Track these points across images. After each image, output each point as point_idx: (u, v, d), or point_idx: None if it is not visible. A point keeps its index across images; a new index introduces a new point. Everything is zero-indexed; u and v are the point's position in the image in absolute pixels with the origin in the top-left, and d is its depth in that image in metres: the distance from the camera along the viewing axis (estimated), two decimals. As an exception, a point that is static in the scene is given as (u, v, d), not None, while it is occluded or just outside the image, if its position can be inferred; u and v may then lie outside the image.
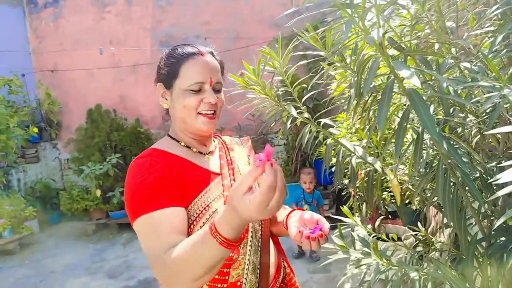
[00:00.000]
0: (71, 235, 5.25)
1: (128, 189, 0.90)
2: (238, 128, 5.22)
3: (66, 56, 5.84)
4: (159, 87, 1.01)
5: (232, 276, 0.92)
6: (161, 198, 0.86)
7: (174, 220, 0.85)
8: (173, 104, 0.99)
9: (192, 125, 0.98)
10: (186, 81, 0.95)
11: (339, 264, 3.36)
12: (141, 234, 0.87)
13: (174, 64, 0.97)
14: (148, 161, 0.92)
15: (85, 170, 4.93)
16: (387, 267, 0.97)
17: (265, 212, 0.68)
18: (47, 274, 3.93)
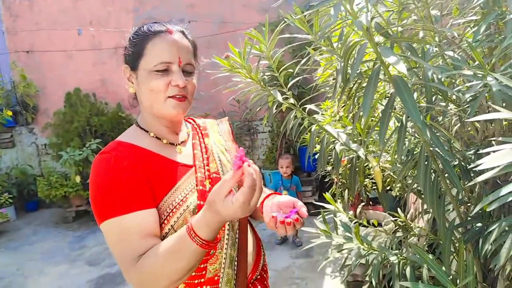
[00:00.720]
0: (50, 222, 5.14)
1: (93, 189, 0.83)
2: (223, 114, 5.18)
3: (43, 36, 5.60)
4: (124, 69, 0.94)
5: (209, 271, 0.90)
6: (130, 200, 0.81)
7: (145, 223, 0.81)
8: (140, 88, 0.91)
9: (160, 110, 0.90)
10: (151, 60, 0.87)
11: (321, 249, 3.43)
12: (109, 238, 0.83)
13: (139, 43, 0.89)
14: (113, 158, 0.84)
15: (63, 155, 4.80)
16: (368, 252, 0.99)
17: (247, 209, 0.72)
18: (25, 262, 3.85)
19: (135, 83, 0.92)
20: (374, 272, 0.96)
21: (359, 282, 2.49)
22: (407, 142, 1.01)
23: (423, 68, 0.85)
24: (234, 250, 0.95)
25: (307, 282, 2.93)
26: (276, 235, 3.83)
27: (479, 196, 1.08)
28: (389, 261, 1.06)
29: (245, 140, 5.38)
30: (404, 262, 0.98)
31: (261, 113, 5.13)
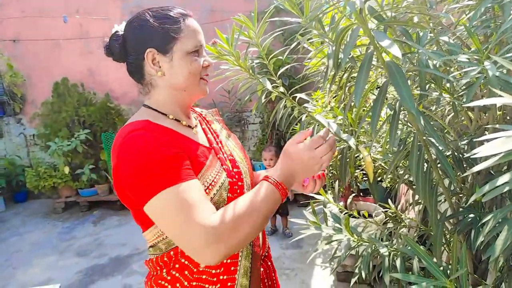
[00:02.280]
0: (39, 213, 5.07)
1: (138, 165, 0.77)
2: (213, 105, 5.11)
3: (29, 25, 5.45)
4: (149, 53, 0.87)
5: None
6: (182, 170, 0.79)
7: (201, 189, 0.81)
8: (174, 71, 0.88)
9: (194, 91, 0.93)
10: (189, 43, 0.88)
11: (311, 240, 3.43)
12: (167, 209, 0.76)
13: (172, 25, 0.87)
14: (150, 134, 0.81)
15: (52, 146, 4.71)
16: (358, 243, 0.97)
17: (316, 160, 0.82)
18: (13, 253, 3.80)
19: (166, 67, 0.89)
20: (364, 263, 0.94)
21: (348, 272, 2.49)
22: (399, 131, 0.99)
23: (418, 54, 0.82)
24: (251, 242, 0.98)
25: (296, 273, 2.93)
26: (267, 226, 3.83)
27: (471, 187, 1.07)
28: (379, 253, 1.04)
29: (236, 131, 5.33)
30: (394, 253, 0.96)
31: (251, 104, 5.09)
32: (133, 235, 3.93)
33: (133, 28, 0.89)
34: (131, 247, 3.66)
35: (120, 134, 0.84)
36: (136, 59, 0.90)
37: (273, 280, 1.10)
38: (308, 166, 0.84)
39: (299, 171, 0.85)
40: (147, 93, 0.94)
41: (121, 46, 0.91)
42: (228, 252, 0.75)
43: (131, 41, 0.90)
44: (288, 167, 0.85)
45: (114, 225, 4.34)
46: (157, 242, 0.91)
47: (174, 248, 0.90)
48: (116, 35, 0.92)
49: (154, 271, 0.95)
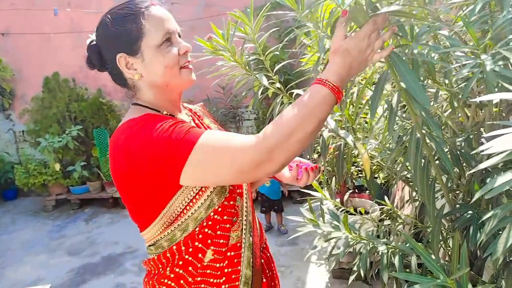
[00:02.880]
0: (29, 211, 4.99)
1: (159, 140, 0.75)
2: (208, 101, 5.08)
3: (19, 17, 5.34)
4: (120, 59, 0.85)
5: (232, 238, 0.91)
6: (195, 128, 0.79)
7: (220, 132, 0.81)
8: (149, 69, 0.85)
9: (178, 84, 0.88)
10: (155, 35, 0.82)
11: (306, 237, 3.43)
12: (205, 156, 0.74)
13: (131, 25, 0.82)
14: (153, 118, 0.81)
15: (42, 142, 4.63)
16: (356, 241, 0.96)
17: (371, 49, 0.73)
18: (3, 251, 3.74)
19: (140, 68, 0.85)
20: (363, 261, 0.94)
21: (344, 269, 2.50)
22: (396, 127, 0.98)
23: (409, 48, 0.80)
24: (251, 217, 0.99)
25: (292, 270, 2.93)
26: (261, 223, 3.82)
27: (468, 183, 1.07)
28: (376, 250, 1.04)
29: (230, 128, 5.30)
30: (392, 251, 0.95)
31: (246, 100, 5.06)
32: (125, 233, 3.89)
33: (100, 36, 0.87)
34: (123, 246, 3.62)
35: (124, 130, 0.82)
36: (112, 67, 0.87)
37: (272, 271, 1.11)
38: (364, 55, 0.75)
39: (356, 66, 0.75)
40: (133, 95, 0.92)
41: (98, 56, 0.88)
42: (281, 159, 0.72)
43: (103, 50, 0.87)
44: (346, 65, 0.75)
45: (106, 223, 4.30)
46: (159, 239, 0.90)
47: (177, 243, 0.88)
48: (92, 45, 0.89)
49: (156, 269, 0.94)
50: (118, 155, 0.81)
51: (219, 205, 0.88)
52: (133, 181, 0.80)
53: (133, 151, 0.77)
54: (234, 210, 0.91)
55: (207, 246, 0.88)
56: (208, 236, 0.87)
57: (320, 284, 2.69)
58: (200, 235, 0.87)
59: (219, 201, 0.87)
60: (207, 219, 0.87)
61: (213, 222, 0.87)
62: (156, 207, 0.85)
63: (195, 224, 0.86)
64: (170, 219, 0.86)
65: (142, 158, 0.76)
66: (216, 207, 0.87)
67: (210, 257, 0.88)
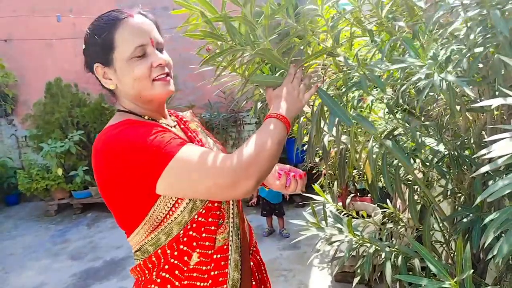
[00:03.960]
0: (31, 216, 5.01)
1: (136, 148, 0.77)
2: (209, 105, 5.10)
3: (21, 24, 5.38)
4: (97, 69, 0.88)
5: (218, 240, 0.91)
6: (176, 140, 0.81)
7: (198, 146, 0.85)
8: (121, 80, 0.87)
9: (150, 95, 0.88)
10: (126, 49, 0.84)
11: (308, 241, 3.42)
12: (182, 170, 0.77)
13: (105, 36, 0.84)
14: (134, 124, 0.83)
15: (44, 147, 4.65)
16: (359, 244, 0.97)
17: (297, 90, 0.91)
18: (6, 256, 3.74)
19: (114, 78, 0.88)
20: (366, 264, 0.94)
21: (346, 273, 2.49)
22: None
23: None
24: (238, 220, 0.99)
25: (294, 274, 2.93)
26: (263, 227, 3.82)
27: (469, 186, 1.08)
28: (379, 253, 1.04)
29: (232, 132, 5.32)
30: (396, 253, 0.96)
31: (248, 104, 5.07)
32: (128, 237, 3.90)
33: (84, 44, 0.91)
34: (126, 250, 3.62)
35: (102, 136, 0.84)
36: (93, 74, 0.91)
37: (263, 274, 1.11)
38: (293, 96, 0.91)
39: (291, 106, 0.89)
40: (117, 101, 0.95)
41: (86, 63, 0.92)
42: (252, 182, 0.76)
43: (87, 57, 0.91)
44: (278, 104, 0.89)
45: (109, 228, 4.30)
46: (144, 244, 0.90)
47: (162, 247, 0.89)
48: (83, 51, 0.92)
49: (143, 275, 0.94)
50: (97, 162, 0.83)
51: (203, 207, 0.88)
52: (113, 188, 0.82)
53: (111, 157, 0.79)
54: (220, 213, 0.91)
55: (193, 249, 0.88)
56: (193, 238, 0.88)
57: (322, 287, 2.68)
58: (185, 238, 0.87)
59: (202, 204, 0.88)
60: (192, 222, 0.87)
61: (198, 224, 0.88)
62: (139, 213, 0.86)
63: (179, 228, 0.86)
64: (154, 224, 0.87)
65: (119, 165, 0.78)
66: (200, 209, 0.87)
67: (196, 260, 0.88)
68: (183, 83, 4.93)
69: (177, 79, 4.64)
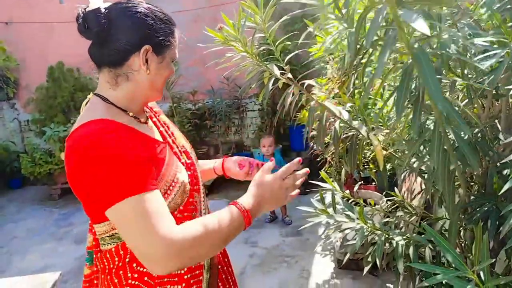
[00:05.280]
0: (35, 199, 5.03)
1: (105, 170, 0.75)
2: (212, 91, 5.06)
3: (23, 7, 5.30)
4: (145, 51, 0.85)
5: None
6: (148, 178, 0.79)
7: (163, 200, 0.81)
8: (159, 72, 0.90)
9: (158, 93, 0.95)
10: (175, 52, 0.93)
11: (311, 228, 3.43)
12: (130, 217, 0.75)
13: (168, 33, 0.90)
14: (116, 135, 0.79)
15: (47, 132, 4.64)
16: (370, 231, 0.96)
17: (283, 192, 0.90)
18: (10, 240, 3.78)
19: (154, 67, 0.89)
20: (378, 252, 0.93)
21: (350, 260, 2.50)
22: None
23: (438, 37, 0.79)
24: (207, 211, 1.04)
25: (297, 260, 2.94)
26: (265, 214, 3.83)
27: (483, 175, 1.06)
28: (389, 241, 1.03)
29: (234, 119, 5.29)
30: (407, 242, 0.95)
31: (251, 91, 5.03)
32: (131, 222, 3.92)
33: (131, 17, 0.85)
34: (129, 234, 3.64)
35: (82, 131, 0.80)
36: (125, 48, 0.84)
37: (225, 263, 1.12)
38: (277, 195, 0.90)
39: (268, 200, 0.89)
40: (115, 84, 0.88)
41: (104, 27, 0.84)
42: (181, 266, 0.78)
43: (124, 29, 0.84)
44: (259, 195, 0.88)
45: (112, 212, 4.32)
46: (116, 232, 0.87)
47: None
48: (100, 11, 0.84)
49: (111, 263, 0.90)
50: (69, 159, 0.79)
51: (183, 204, 0.91)
52: (79, 188, 0.81)
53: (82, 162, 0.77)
54: (193, 206, 0.94)
55: None
56: None
57: (325, 274, 2.70)
58: None
59: (182, 201, 0.90)
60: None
61: (176, 220, 0.85)
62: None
63: None
64: None
65: (85, 175, 0.77)
66: (180, 207, 0.90)
67: None
68: (185, 69, 4.88)
69: (180, 65, 4.58)
